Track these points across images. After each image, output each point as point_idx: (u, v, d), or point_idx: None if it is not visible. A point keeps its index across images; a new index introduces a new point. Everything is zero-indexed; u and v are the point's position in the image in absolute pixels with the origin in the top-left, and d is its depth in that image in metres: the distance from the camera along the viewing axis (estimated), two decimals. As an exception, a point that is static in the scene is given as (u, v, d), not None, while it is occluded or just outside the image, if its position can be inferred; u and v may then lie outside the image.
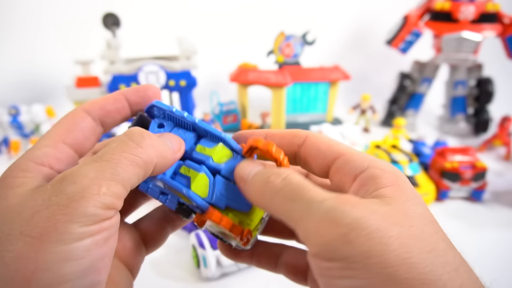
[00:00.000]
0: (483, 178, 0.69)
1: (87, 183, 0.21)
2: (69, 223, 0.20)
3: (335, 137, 0.79)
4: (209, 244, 0.48)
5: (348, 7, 1.39)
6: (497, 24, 0.93)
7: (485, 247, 0.56)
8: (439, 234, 0.23)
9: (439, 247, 0.21)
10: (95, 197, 0.21)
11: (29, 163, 0.23)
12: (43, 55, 1.25)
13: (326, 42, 1.21)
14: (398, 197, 0.23)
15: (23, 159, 0.24)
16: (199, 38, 1.03)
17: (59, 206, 0.21)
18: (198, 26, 1.30)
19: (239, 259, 0.31)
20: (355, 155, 0.26)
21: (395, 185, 0.24)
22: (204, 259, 0.47)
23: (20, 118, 0.82)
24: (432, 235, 0.22)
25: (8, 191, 0.22)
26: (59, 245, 0.20)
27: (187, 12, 1.32)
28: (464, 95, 1.01)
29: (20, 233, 0.20)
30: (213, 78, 1.25)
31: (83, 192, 0.21)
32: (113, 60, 0.86)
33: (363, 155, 0.26)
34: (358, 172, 0.25)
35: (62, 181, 0.21)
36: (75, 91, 0.87)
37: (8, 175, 0.23)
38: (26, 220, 0.20)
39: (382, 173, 0.25)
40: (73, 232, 0.20)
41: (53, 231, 0.20)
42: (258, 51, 1.04)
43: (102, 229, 0.21)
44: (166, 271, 0.51)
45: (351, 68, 1.07)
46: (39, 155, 0.24)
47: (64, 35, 1.26)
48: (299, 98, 1.05)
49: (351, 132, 0.82)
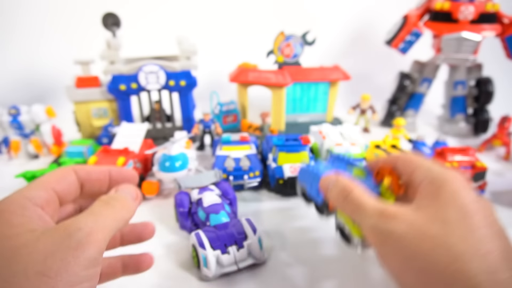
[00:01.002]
0: (483, 178, 0.69)
1: (90, 231, 0.26)
2: (77, 266, 0.25)
3: (335, 137, 0.79)
4: (209, 244, 0.49)
5: (348, 7, 1.39)
6: (496, 24, 0.93)
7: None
8: (473, 229, 0.31)
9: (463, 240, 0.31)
10: (97, 244, 0.26)
11: (27, 202, 0.28)
12: (44, 55, 1.26)
13: (326, 42, 1.21)
14: (429, 206, 0.33)
15: (20, 196, 0.28)
16: (199, 38, 1.03)
17: (69, 249, 0.25)
18: (198, 26, 1.30)
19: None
20: (421, 169, 0.37)
21: (432, 196, 0.34)
22: (204, 259, 0.47)
23: (20, 118, 0.82)
24: (461, 231, 0.31)
25: (10, 230, 0.25)
26: (67, 286, 0.24)
27: (187, 12, 1.32)
28: (463, 95, 1.01)
29: (37, 273, 0.23)
30: (213, 78, 1.25)
31: (88, 237, 0.26)
32: (113, 60, 0.87)
33: (429, 168, 0.37)
34: (418, 185, 0.37)
35: (68, 227, 0.26)
36: (75, 91, 0.87)
37: (6, 209, 0.27)
38: (41, 261, 0.24)
39: (426, 185, 0.35)
40: (79, 275, 0.25)
41: (64, 273, 0.24)
42: (258, 51, 1.04)
43: (96, 274, 0.26)
44: (166, 271, 0.51)
45: (351, 68, 1.07)
46: (35, 196, 0.29)
47: (64, 35, 1.26)
48: (299, 98, 1.05)
49: (351, 132, 0.82)
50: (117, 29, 0.86)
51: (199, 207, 0.57)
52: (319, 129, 0.84)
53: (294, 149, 0.72)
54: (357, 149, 0.74)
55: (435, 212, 0.32)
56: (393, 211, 0.33)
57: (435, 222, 0.32)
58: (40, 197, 0.29)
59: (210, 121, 0.90)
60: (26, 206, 0.28)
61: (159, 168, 0.67)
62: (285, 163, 0.71)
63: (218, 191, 0.61)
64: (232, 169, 0.70)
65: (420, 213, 0.33)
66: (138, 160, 0.73)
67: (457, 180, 0.35)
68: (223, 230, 0.52)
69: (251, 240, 0.50)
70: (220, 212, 0.55)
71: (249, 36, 1.32)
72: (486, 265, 0.28)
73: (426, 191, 0.35)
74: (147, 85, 0.87)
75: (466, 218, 0.31)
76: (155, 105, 0.94)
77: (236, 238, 0.50)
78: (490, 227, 0.32)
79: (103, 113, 0.91)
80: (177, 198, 0.60)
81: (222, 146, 0.78)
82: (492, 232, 0.31)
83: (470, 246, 0.30)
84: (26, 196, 0.28)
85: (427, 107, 1.11)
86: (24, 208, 0.27)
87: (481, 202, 0.34)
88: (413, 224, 0.32)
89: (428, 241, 0.31)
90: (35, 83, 1.23)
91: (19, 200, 0.28)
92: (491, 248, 0.30)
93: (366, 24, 1.40)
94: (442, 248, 0.30)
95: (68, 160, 0.73)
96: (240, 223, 0.53)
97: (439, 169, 0.36)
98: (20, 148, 0.85)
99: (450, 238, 0.30)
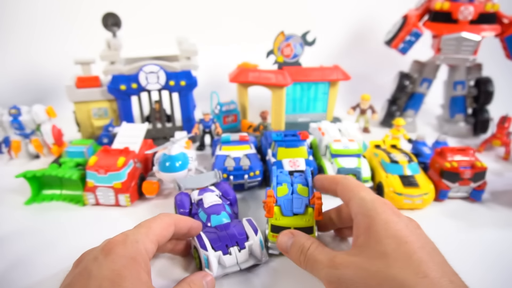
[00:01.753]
0: (483, 178, 0.69)
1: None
2: None
3: (334, 133, 0.80)
4: (211, 245, 0.49)
5: (348, 7, 1.39)
6: (496, 25, 0.93)
7: (484, 247, 0.57)
8: (411, 263, 0.34)
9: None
10: None
11: (142, 258, 0.38)
12: (44, 55, 1.25)
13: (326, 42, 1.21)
14: (368, 243, 0.38)
15: (136, 249, 0.38)
16: (199, 38, 1.03)
17: None
18: (198, 26, 1.30)
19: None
20: (355, 200, 0.43)
21: (368, 231, 0.38)
22: (206, 260, 0.48)
23: (20, 118, 0.82)
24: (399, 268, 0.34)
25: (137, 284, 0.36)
26: None
27: (187, 12, 1.32)
28: (463, 95, 1.02)
29: None
30: (213, 78, 1.25)
31: None
32: (113, 60, 0.87)
33: (361, 200, 0.42)
34: (354, 217, 0.42)
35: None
36: (75, 91, 0.87)
37: (122, 275, 0.35)
38: None
39: (361, 220, 0.40)
40: None
41: None
42: (258, 51, 1.04)
43: None
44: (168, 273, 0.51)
45: (351, 68, 1.07)
46: (149, 250, 0.40)
47: (65, 35, 1.26)
48: (299, 98, 1.05)
49: (349, 129, 0.82)
50: (118, 29, 0.86)
51: (200, 208, 0.57)
52: (318, 125, 0.84)
53: (293, 144, 0.74)
54: (355, 145, 0.75)
55: (373, 248, 0.37)
56: (340, 259, 0.38)
57: (376, 259, 0.36)
58: (151, 251, 0.40)
59: (210, 121, 0.90)
60: (143, 260, 0.38)
61: (160, 168, 0.67)
62: (284, 158, 0.72)
63: (218, 191, 0.62)
64: (232, 169, 0.70)
65: (361, 254, 0.37)
66: (138, 160, 0.73)
67: (386, 209, 0.40)
68: (224, 231, 0.52)
69: (253, 241, 0.51)
70: (221, 213, 0.55)
71: (249, 36, 1.32)
72: (428, 285, 0.32)
73: (361, 226, 0.40)
74: (147, 85, 0.87)
75: (401, 245, 0.35)
76: (155, 105, 0.94)
77: (238, 239, 0.50)
78: (423, 247, 0.36)
79: (103, 113, 0.91)
80: (177, 199, 0.60)
81: (222, 146, 0.78)
82: (426, 252, 0.35)
83: (410, 272, 0.33)
84: (141, 252, 0.38)
85: (427, 107, 1.11)
86: (138, 279, 0.36)
87: (411, 223, 0.39)
88: (358, 267, 0.36)
89: (374, 278, 0.35)
90: (35, 83, 1.23)
91: (135, 254, 0.37)
92: (429, 268, 0.33)
93: (366, 24, 1.40)
94: (387, 281, 0.34)
95: (68, 160, 0.73)
96: (241, 224, 0.53)
97: (370, 201, 0.41)
98: (21, 148, 0.85)
99: (392, 269, 0.34)
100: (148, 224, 0.42)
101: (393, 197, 0.66)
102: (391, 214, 0.39)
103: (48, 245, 0.57)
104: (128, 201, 0.67)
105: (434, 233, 0.41)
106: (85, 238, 0.58)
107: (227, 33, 1.34)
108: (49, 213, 0.66)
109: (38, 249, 0.55)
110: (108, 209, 0.67)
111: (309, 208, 0.52)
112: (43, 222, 0.63)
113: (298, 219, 0.51)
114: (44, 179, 0.71)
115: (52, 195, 0.70)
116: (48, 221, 0.63)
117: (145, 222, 0.43)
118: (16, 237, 0.59)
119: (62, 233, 0.60)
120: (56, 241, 0.57)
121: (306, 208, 0.52)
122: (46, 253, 0.55)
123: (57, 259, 0.53)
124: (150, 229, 0.41)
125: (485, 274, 0.51)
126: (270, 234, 0.52)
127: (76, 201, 0.69)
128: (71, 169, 0.70)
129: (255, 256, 0.51)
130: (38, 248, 0.56)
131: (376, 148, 0.78)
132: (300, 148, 0.74)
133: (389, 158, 0.71)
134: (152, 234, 0.41)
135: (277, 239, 0.48)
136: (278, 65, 1.00)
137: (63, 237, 0.59)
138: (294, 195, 0.54)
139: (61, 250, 0.55)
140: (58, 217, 0.64)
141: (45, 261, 0.53)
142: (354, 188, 0.45)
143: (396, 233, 0.37)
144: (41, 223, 0.63)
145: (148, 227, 0.42)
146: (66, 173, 0.67)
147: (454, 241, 0.57)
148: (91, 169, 0.66)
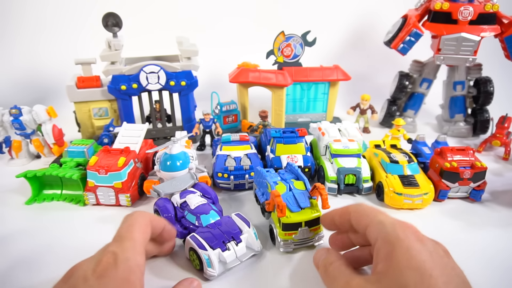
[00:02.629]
0: (482, 178, 0.69)
1: None
2: None
3: (334, 133, 0.80)
4: (208, 244, 0.49)
5: (348, 7, 1.39)
6: (496, 25, 0.93)
7: (484, 247, 0.57)
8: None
9: None
10: None
11: (136, 276, 0.37)
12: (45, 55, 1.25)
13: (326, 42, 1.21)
14: (388, 272, 0.35)
15: (127, 268, 0.37)
16: (199, 38, 1.03)
17: None
18: (198, 26, 1.30)
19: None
20: (373, 225, 0.40)
21: (388, 259, 0.35)
22: (207, 260, 0.48)
23: (21, 118, 0.82)
24: None
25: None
26: None
27: (188, 13, 1.32)
28: (463, 95, 1.02)
29: None
30: (213, 78, 1.25)
31: None
32: (113, 61, 0.87)
33: (379, 224, 0.39)
34: (373, 243, 0.39)
35: None
36: (76, 91, 0.87)
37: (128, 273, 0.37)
38: None
39: (381, 245, 0.37)
40: None
41: None
42: (258, 51, 1.04)
43: None
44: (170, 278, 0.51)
45: (351, 68, 1.07)
46: (141, 263, 0.39)
47: (65, 36, 1.26)
48: (299, 98, 1.06)
49: (349, 128, 0.83)
50: (118, 30, 0.86)
51: (186, 211, 0.57)
52: (318, 125, 0.85)
53: (291, 140, 0.75)
54: (355, 144, 0.75)
55: (392, 278, 0.34)
56: (356, 284, 0.36)
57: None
58: (143, 264, 0.39)
59: (211, 121, 0.91)
60: (138, 271, 0.38)
61: (161, 167, 0.67)
62: (283, 154, 0.74)
63: (199, 192, 0.62)
64: (233, 169, 0.70)
65: (379, 283, 0.34)
66: (139, 159, 0.73)
67: (409, 234, 0.36)
68: (217, 228, 0.52)
69: (247, 233, 0.52)
70: (210, 212, 0.56)
71: (249, 36, 1.32)
72: None
73: (382, 252, 0.36)
74: (148, 85, 0.87)
75: (424, 280, 0.32)
76: (156, 105, 0.94)
77: (232, 233, 0.52)
78: (449, 283, 0.32)
79: (104, 113, 0.91)
80: (160, 205, 0.59)
81: (222, 146, 0.78)
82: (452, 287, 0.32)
83: None
84: (134, 270, 0.37)
85: (427, 107, 1.11)
86: (136, 273, 0.37)
87: (436, 250, 0.35)
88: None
89: None
90: (36, 83, 1.23)
91: (131, 264, 0.37)
92: None
93: (366, 24, 1.40)
94: None
95: (69, 160, 0.73)
96: (231, 220, 0.55)
97: (390, 224, 0.38)
98: (21, 148, 0.85)
99: None
100: (130, 235, 0.40)
101: (393, 197, 0.66)
102: (414, 241, 0.36)
103: (48, 244, 0.57)
104: (128, 201, 0.67)
105: (434, 233, 0.41)
106: (86, 238, 0.59)
107: (228, 33, 1.34)
108: (50, 213, 0.66)
109: (38, 249, 0.56)
110: (108, 209, 0.67)
111: (312, 200, 0.55)
112: (44, 222, 0.63)
113: (306, 213, 0.54)
114: (44, 179, 0.71)
115: (53, 195, 0.70)
116: (48, 221, 0.63)
117: (126, 232, 0.41)
118: (17, 237, 0.59)
119: (63, 233, 0.60)
120: (56, 241, 0.58)
121: (310, 200, 0.55)
122: (46, 253, 0.55)
123: (57, 258, 0.53)
124: (135, 241, 0.40)
125: (484, 273, 0.51)
126: (282, 233, 0.53)
127: (77, 201, 0.69)
128: (72, 169, 0.70)
129: (251, 247, 0.53)
130: (38, 248, 0.56)
131: (376, 148, 0.78)
132: (298, 145, 0.75)
133: (389, 158, 0.72)
134: (139, 245, 0.40)
135: (314, 255, 0.47)
136: (278, 65, 1.00)
137: (63, 237, 0.59)
138: (294, 191, 0.56)
139: (62, 250, 0.56)
140: (59, 217, 0.64)
141: (45, 260, 0.53)
142: (370, 213, 0.42)
143: (420, 265, 0.33)
144: (41, 223, 0.63)
145: (131, 239, 0.40)
146: (66, 173, 0.67)
147: (453, 241, 0.57)
148: (91, 169, 0.66)
